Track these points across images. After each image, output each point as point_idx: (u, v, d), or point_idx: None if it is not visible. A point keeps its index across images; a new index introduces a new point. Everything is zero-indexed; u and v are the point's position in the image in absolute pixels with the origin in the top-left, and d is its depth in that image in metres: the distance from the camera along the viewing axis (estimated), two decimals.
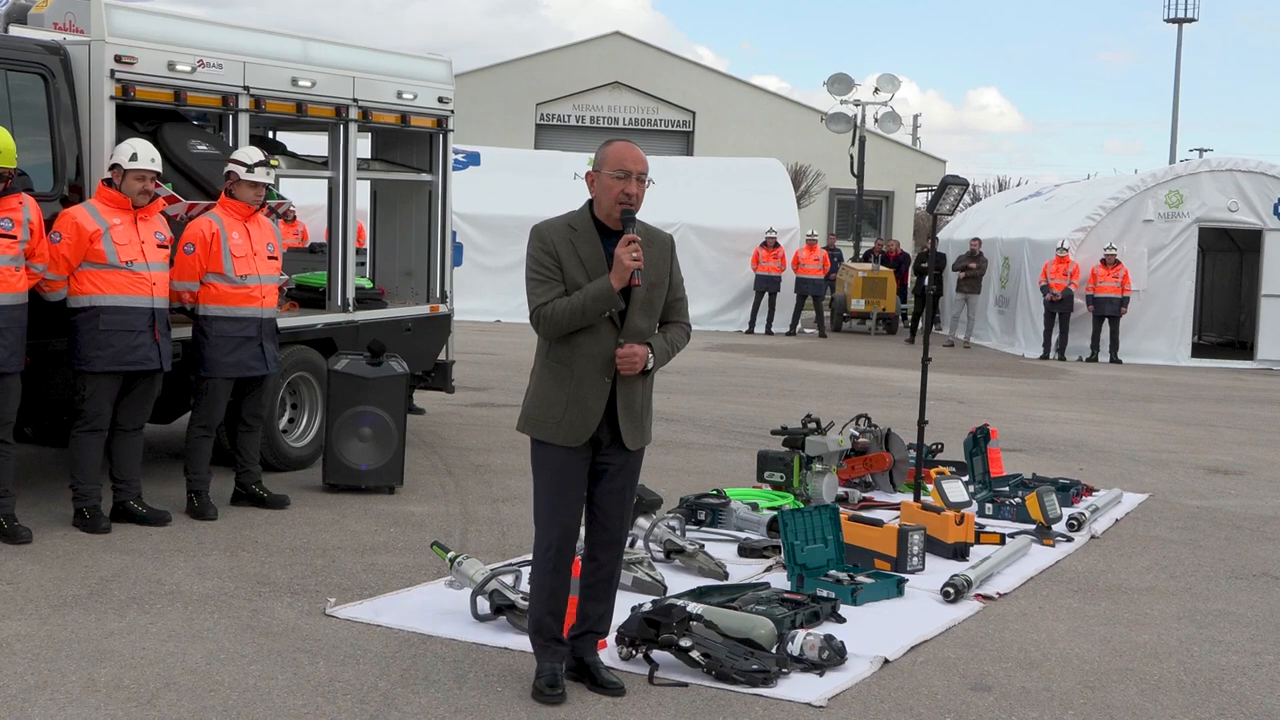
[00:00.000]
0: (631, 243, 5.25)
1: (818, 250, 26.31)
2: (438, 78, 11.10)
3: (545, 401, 5.41)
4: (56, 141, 8.24)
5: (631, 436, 5.45)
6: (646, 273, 5.34)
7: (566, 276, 5.32)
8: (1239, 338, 26.22)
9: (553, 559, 5.45)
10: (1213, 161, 24.25)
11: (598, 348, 5.34)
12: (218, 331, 8.35)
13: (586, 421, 5.36)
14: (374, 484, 9.20)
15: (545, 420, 5.40)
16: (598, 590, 5.59)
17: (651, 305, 5.44)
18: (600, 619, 5.61)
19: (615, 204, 5.33)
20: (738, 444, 12.07)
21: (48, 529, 7.78)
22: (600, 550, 5.57)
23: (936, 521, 8.06)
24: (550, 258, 5.34)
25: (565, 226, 5.41)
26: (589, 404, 5.36)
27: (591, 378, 5.35)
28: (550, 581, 5.46)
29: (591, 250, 5.34)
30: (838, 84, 31.60)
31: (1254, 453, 13.24)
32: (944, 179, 9.20)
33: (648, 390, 5.53)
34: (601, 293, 5.25)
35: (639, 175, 5.35)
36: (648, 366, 5.39)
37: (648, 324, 5.44)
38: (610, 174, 5.34)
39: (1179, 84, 53.30)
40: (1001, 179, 58.29)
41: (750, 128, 41.60)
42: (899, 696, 5.65)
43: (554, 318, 5.30)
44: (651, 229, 5.50)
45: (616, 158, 5.37)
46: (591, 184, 5.44)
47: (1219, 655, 6.45)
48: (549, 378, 5.42)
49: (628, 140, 5.51)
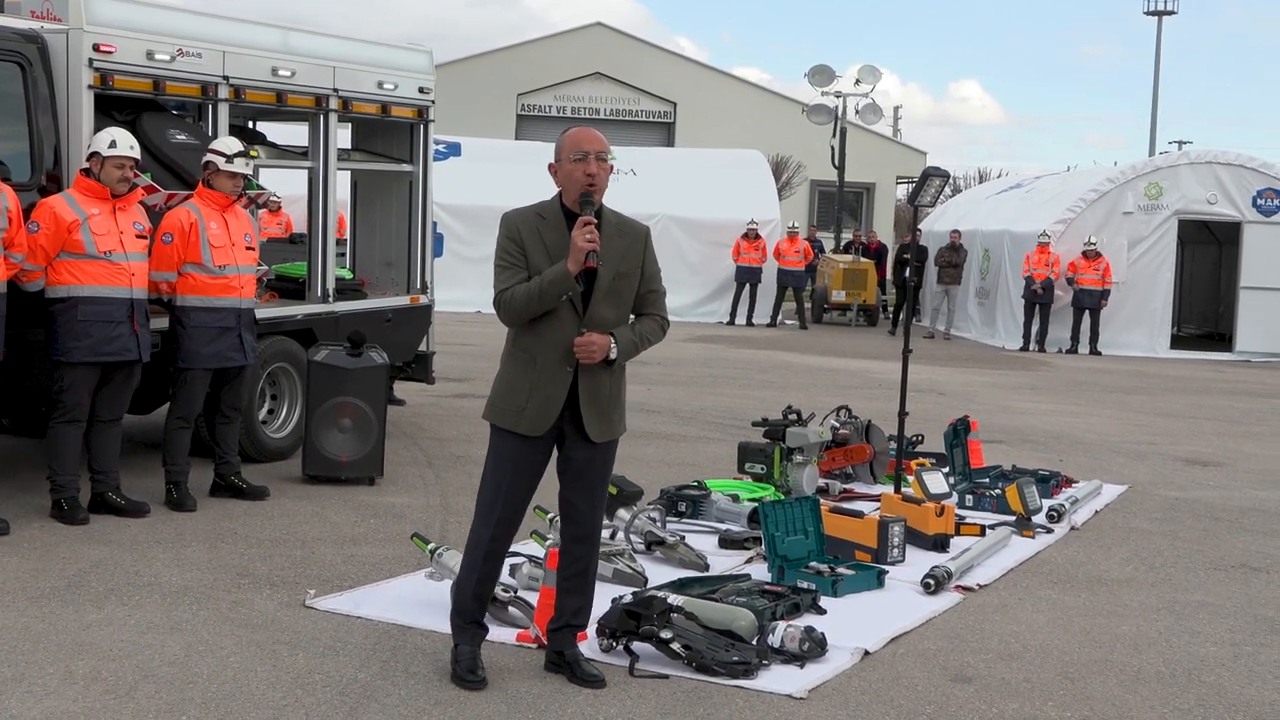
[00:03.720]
0: (586, 224, 5.23)
1: (799, 242, 26.34)
2: (418, 68, 11.07)
3: (510, 389, 5.40)
4: (34, 130, 8.19)
5: (595, 428, 5.42)
6: (615, 262, 5.33)
7: (531, 264, 5.31)
8: (1218, 330, 26.33)
9: (485, 547, 5.45)
10: (1192, 154, 24.34)
11: (560, 335, 5.33)
12: (196, 322, 8.31)
13: (548, 410, 5.35)
14: (354, 475, 9.17)
15: (509, 409, 5.39)
16: (574, 584, 5.58)
17: (619, 296, 5.42)
18: (577, 613, 5.61)
19: (580, 187, 5.33)
20: (718, 435, 12.07)
21: (25, 520, 7.74)
22: (574, 545, 5.56)
23: (917, 513, 8.06)
24: (515, 244, 5.34)
25: (534, 215, 5.41)
26: (551, 393, 5.34)
27: (553, 366, 5.34)
28: (482, 567, 5.47)
29: (557, 238, 5.33)
30: (819, 75, 31.56)
31: (1232, 444, 13.29)
32: (925, 171, 9.21)
33: (616, 381, 5.49)
34: (558, 276, 5.23)
35: (598, 155, 5.35)
36: (610, 357, 5.37)
37: (614, 314, 5.41)
38: (569, 158, 5.34)
39: (1159, 77, 53.63)
40: (982, 171, 58.42)
41: (731, 119, 41.58)
42: (879, 688, 5.66)
43: (513, 303, 5.30)
44: (627, 220, 5.49)
45: (573, 142, 5.38)
46: (555, 175, 5.43)
47: (1198, 646, 6.47)
48: (514, 366, 5.41)
49: (583, 125, 5.52)
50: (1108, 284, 22.75)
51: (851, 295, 27.14)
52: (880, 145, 44.01)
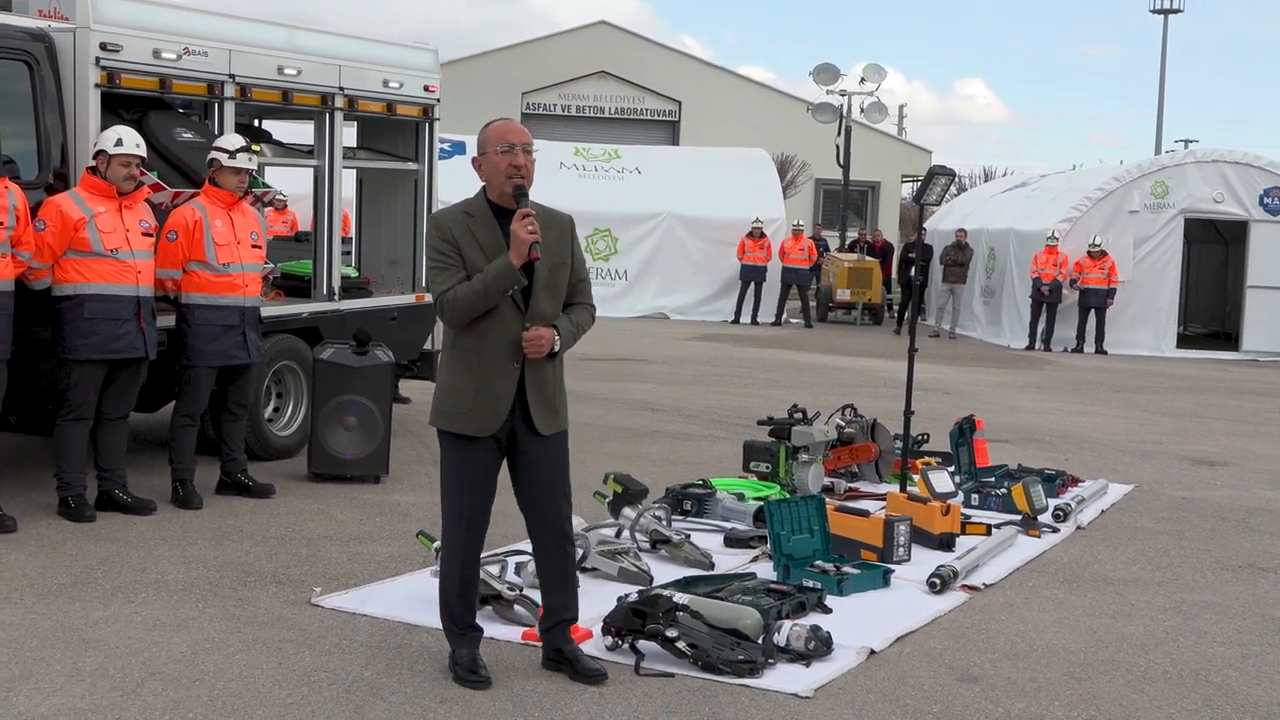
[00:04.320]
0: (526, 216, 5.22)
1: (803, 240, 26.33)
2: (424, 66, 11.07)
3: (455, 391, 5.37)
4: (41, 129, 8.20)
5: (544, 421, 5.42)
6: (549, 254, 5.32)
7: (467, 263, 5.29)
8: (1224, 329, 26.29)
9: (461, 553, 5.45)
10: (1198, 152, 24.27)
11: (504, 331, 5.31)
12: (201, 320, 8.32)
13: (497, 407, 5.34)
14: (359, 473, 9.18)
15: (456, 410, 5.37)
16: (556, 582, 5.58)
17: (555, 288, 5.41)
18: (566, 607, 5.60)
19: (506, 178, 5.31)
20: (723, 434, 12.07)
21: (32, 518, 7.75)
22: (548, 543, 5.55)
23: (923, 512, 8.06)
24: (449, 244, 5.32)
25: (461, 214, 5.40)
26: (498, 389, 5.33)
27: (500, 363, 5.33)
28: (462, 573, 5.47)
29: (489, 234, 5.32)
30: (823, 74, 31.56)
31: (1239, 444, 13.27)
32: (931, 169, 9.21)
33: (558, 373, 5.51)
34: (502, 270, 5.22)
35: (524, 147, 5.34)
36: (554, 349, 5.37)
37: (552, 307, 5.41)
38: (495, 150, 5.33)
39: (1165, 75, 53.31)
40: (987, 169, 58.38)
41: (736, 117, 41.56)
42: (885, 687, 5.65)
43: (457, 303, 5.26)
44: (549, 210, 5.48)
45: (499, 134, 5.37)
46: (479, 168, 5.41)
47: (1205, 646, 6.46)
48: (457, 367, 5.38)
49: (506, 118, 5.54)
50: (1113, 283, 22.72)
51: (856, 294, 27.14)
52: (885, 144, 43.98)
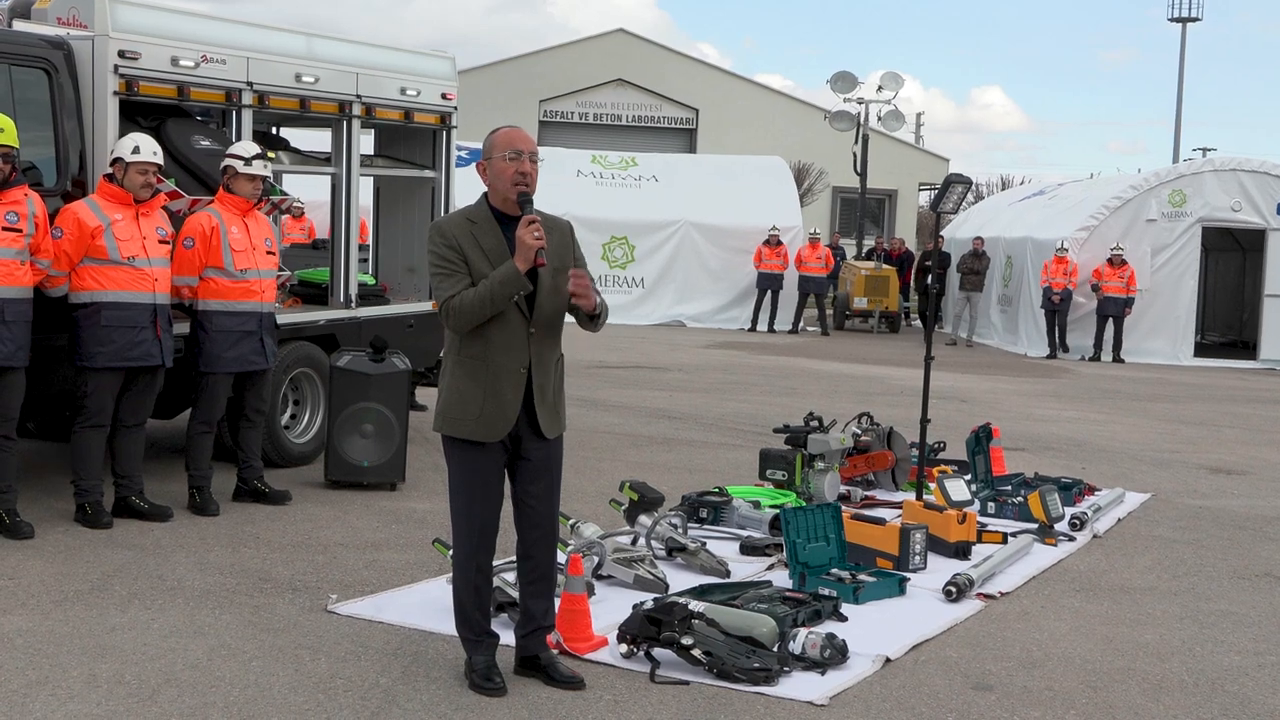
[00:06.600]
0: (532, 223, 5.23)
1: (820, 248, 26.31)
2: (441, 74, 11.09)
3: (462, 398, 5.38)
4: (60, 136, 8.24)
5: (549, 424, 5.45)
6: (553, 259, 5.33)
7: (472, 269, 5.30)
8: (1242, 337, 26.20)
9: (475, 560, 5.47)
10: (1216, 161, 24.22)
11: (511, 338, 5.33)
12: (217, 326, 8.34)
13: (505, 413, 5.35)
14: (376, 480, 9.19)
15: (464, 418, 5.38)
16: (539, 588, 5.59)
17: (559, 292, 5.41)
18: (545, 614, 5.62)
19: (512, 186, 5.32)
20: (740, 442, 12.06)
21: (50, 524, 7.78)
22: (535, 547, 5.57)
23: (939, 520, 8.05)
24: (454, 251, 5.32)
25: (464, 220, 5.41)
26: (506, 395, 5.35)
27: (507, 369, 5.34)
28: (475, 579, 5.49)
29: (493, 240, 5.33)
30: (841, 82, 31.56)
31: (1257, 453, 13.22)
32: (948, 177, 9.19)
33: (559, 378, 5.54)
34: (509, 276, 5.23)
35: (530, 155, 5.36)
36: (596, 312, 5.38)
37: (557, 312, 5.44)
38: (502, 157, 5.34)
39: (1183, 83, 53.27)
40: (1005, 178, 58.33)
41: (753, 125, 41.60)
42: (901, 695, 5.65)
43: (463, 309, 5.27)
44: (549, 216, 5.47)
45: (506, 141, 5.38)
46: (483, 174, 5.43)
47: (1222, 655, 6.44)
48: (464, 374, 5.39)
49: (514, 124, 5.54)
50: (1132, 292, 22.66)
51: (873, 302, 27.11)
52: (902, 152, 43.98)
